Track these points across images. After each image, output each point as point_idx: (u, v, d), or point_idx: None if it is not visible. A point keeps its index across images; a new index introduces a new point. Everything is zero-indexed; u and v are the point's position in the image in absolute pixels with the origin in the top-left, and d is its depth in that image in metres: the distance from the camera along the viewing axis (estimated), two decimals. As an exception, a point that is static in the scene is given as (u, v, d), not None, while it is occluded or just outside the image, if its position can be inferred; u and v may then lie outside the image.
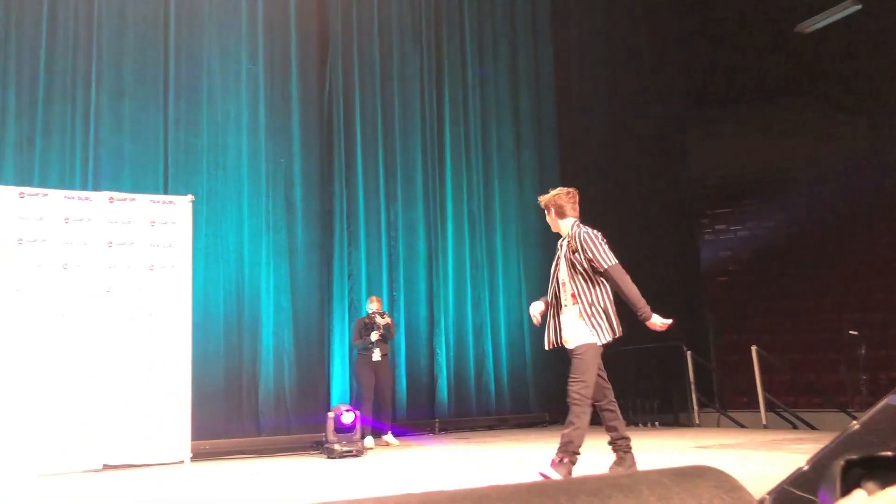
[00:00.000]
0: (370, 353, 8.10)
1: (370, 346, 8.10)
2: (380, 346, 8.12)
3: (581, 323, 4.65)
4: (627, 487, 1.42)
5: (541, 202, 5.01)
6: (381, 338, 8.13)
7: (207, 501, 4.55)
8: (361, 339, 8.19)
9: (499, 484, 1.09)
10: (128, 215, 7.09)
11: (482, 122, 10.83)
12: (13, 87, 7.99)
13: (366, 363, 8.14)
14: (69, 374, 6.61)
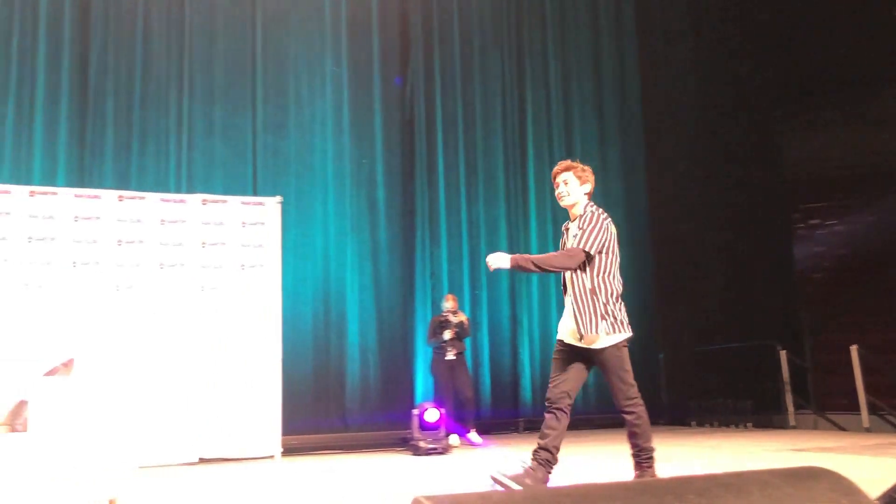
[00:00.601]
0: (444, 352, 8.09)
1: (443, 344, 8.09)
2: (454, 344, 8.08)
3: None
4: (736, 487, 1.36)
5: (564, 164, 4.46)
6: (456, 336, 8.10)
7: (303, 496, 4.65)
8: (435, 338, 8.20)
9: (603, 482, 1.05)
10: (220, 216, 7.32)
11: (565, 119, 10.70)
12: (111, 96, 8.38)
13: (441, 362, 8.13)
14: (167, 369, 6.88)
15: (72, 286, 6.77)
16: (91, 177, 8.12)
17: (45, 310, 6.66)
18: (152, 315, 6.95)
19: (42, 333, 6.61)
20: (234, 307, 7.21)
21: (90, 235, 6.90)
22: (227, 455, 6.96)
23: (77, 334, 6.70)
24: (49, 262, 6.74)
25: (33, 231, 6.74)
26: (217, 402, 7.00)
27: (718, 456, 6.07)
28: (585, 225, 4.14)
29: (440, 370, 8.15)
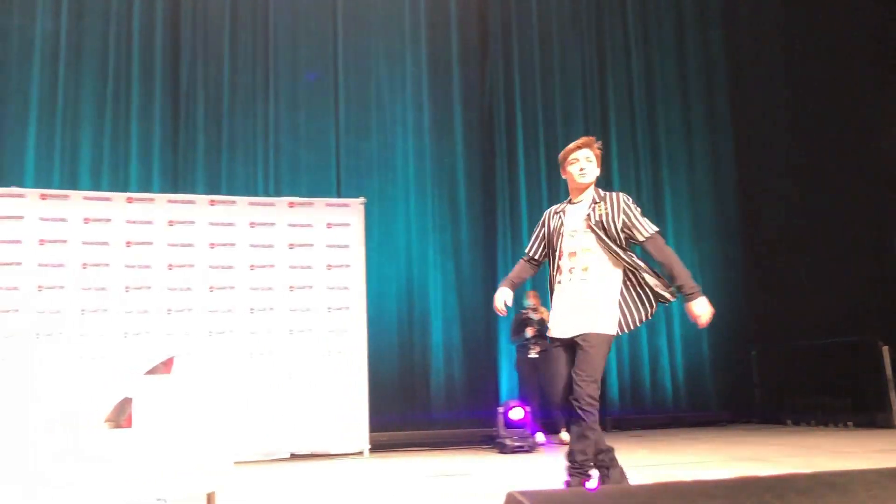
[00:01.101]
0: (528, 350, 8.02)
1: (526, 342, 8.03)
2: (537, 342, 8.00)
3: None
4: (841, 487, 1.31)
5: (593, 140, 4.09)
6: (538, 333, 8.01)
7: (396, 492, 4.71)
8: (517, 336, 8.15)
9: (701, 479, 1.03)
10: (307, 218, 7.51)
11: (648, 110, 10.47)
12: (202, 104, 8.69)
13: (525, 360, 8.07)
14: (258, 368, 7.10)
15: (168, 288, 7.06)
16: (184, 182, 8.45)
17: (144, 311, 6.97)
18: (244, 315, 7.19)
19: (143, 334, 6.92)
20: (321, 307, 7.38)
21: (185, 238, 7.19)
22: (318, 451, 7.12)
23: (175, 334, 6.99)
24: (148, 265, 7.05)
25: (132, 235, 7.06)
26: (307, 399, 7.17)
27: (817, 456, 5.84)
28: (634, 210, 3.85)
29: (524, 368, 8.10)
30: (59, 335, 6.76)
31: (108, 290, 6.92)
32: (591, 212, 3.83)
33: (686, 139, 10.55)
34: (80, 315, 6.83)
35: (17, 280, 6.76)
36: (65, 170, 8.17)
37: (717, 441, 7.44)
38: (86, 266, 6.92)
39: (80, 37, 8.49)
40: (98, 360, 6.79)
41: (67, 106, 8.30)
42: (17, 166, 8.03)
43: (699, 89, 10.74)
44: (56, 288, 6.83)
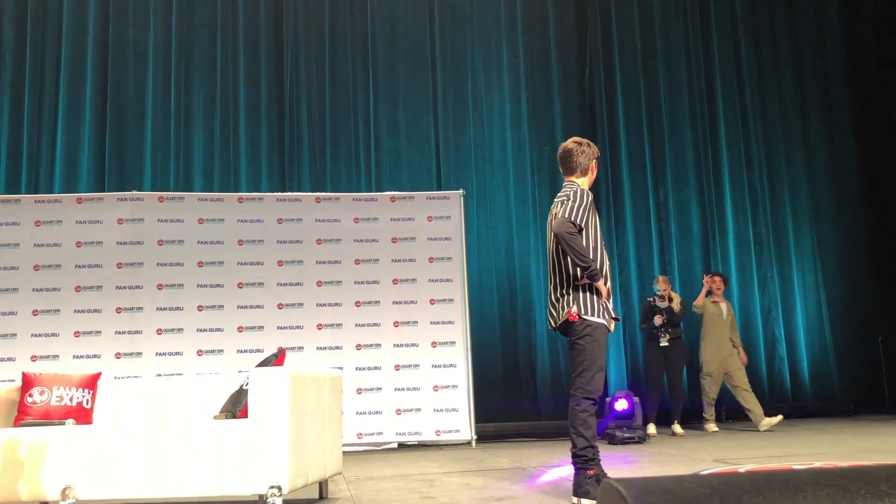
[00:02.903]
0: (657, 338, 7.75)
1: (654, 330, 7.78)
2: (667, 330, 7.71)
3: None
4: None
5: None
6: (668, 321, 7.74)
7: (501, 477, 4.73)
8: (645, 323, 7.93)
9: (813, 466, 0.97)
10: (408, 212, 7.62)
11: (759, 87, 10.00)
12: (305, 103, 8.95)
13: (654, 348, 7.80)
14: (364, 359, 7.26)
15: (278, 283, 7.32)
16: (291, 181, 8.73)
17: (258, 306, 7.25)
18: (350, 308, 7.37)
19: (257, 329, 7.21)
20: (424, 299, 7.47)
21: (294, 235, 7.43)
22: (425, 440, 7.22)
23: (287, 327, 7.24)
24: (261, 261, 7.33)
25: (244, 234, 7.36)
26: (413, 390, 7.28)
27: (953, 448, 5.45)
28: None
29: (652, 357, 7.85)
30: (180, 331, 7.12)
31: (224, 286, 7.25)
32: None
33: (800, 115, 10.03)
34: (198, 312, 7.17)
35: (140, 279, 7.17)
36: (179, 173, 8.60)
37: (842, 432, 7.06)
38: (202, 265, 7.27)
39: (189, 44, 8.90)
40: (215, 354, 7.12)
41: (180, 112, 8.72)
42: (136, 171, 8.52)
43: (814, 61, 10.17)
44: (176, 286, 7.20)
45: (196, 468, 3.61)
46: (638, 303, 9.15)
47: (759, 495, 1.10)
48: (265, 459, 3.58)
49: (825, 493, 1.09)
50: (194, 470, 3.61)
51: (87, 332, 7.01)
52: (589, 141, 4.23)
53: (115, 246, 7.18)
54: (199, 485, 3.61)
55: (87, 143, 8.53)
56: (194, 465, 3.62)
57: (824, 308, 9.56)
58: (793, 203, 9.80)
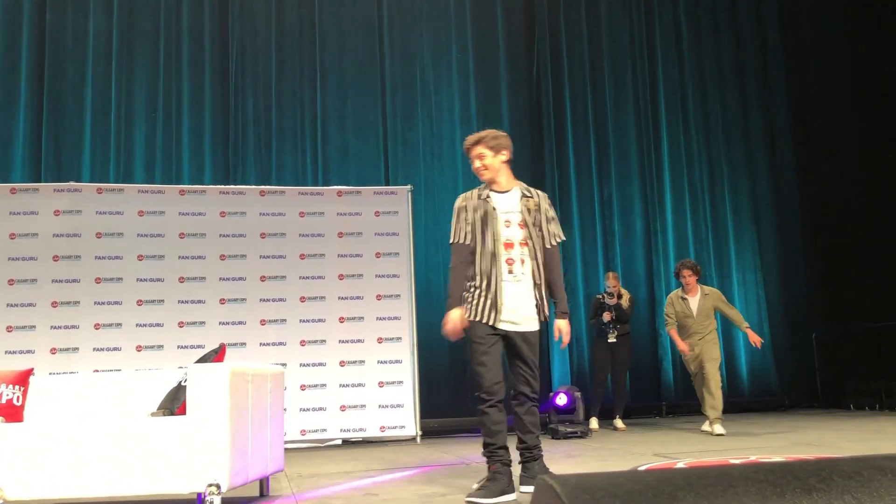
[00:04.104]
0: (605, 334, 7.81)
1: (603, 327, 7.82)
2: (615, 326, 7.77)
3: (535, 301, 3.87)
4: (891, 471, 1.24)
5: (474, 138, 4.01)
6: (616, 318, 7.79)
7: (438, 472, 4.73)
8: (594, 320, 7.95)
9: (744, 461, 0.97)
10: (355, 207, 7.56)
11: (702, 86, 10.19)
12: (251, 96, 8.81)
13: (601, 345, 7.88)
14: (310, 354, 7.19)
15: (220, 278, 7.19)
16: (235, 174, 8.58)
17: (199, 301, 7.11)
18: (295, 304, 7.28)
19: (198, 324, 7.07)
20: (371, 294, 7.42)
21: (237, 229, 7.30)
22: (370, 437, 7.19)
23: (229, 323, 7.12)
24: (202, 255, 7.19)
25: (186, 227, 7.21)
26: (358, 386, 7.24)
27: (882, 441, 5.66)
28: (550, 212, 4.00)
29: (599, 353, 7.92)
30: (119, 326, 6.94)
31: (165, 280, 7.09)
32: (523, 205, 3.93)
33: (742, 115, 10.27)
34: (137, 306, 7.00)
35: (77, 272, 6.96)
36: (120, 164, 8.37)
37: (777, 426, 7.27)
38: (142, 258, 7.09)
39: (131, 32, 8.66)
40: (154, 350, 6.96)
41: (121, 102, 8.49)
42: (74, 162, 8.26)
43: (755, 60, 10.41)
44: (115, 280, 7.02)
45: (132, 466, 3.52)
46: (584, 299, 9.27)
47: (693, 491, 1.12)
48: (203, 457, 3.50)
49: (756, 488, 1.10)
50: (130, 468, 3.52)
51: (21, 327, 6.78)
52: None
53: (50, 238, 6.96)
54: (136, 483, 3.52)
55: (22, 131, 8.24)
56: (130, 464, 3.53)
57: (763, 306, 9.82)
58: (733, 202, 10.03)
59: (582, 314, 9.24)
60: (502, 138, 3.98)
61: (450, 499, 3.81)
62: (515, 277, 3.82)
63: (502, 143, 3.96)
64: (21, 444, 3.57)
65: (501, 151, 3.95)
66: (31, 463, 3.55)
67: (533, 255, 3.84)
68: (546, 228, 3.90)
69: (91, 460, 3.54)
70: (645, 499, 1.08)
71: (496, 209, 3.90)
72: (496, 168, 3.94)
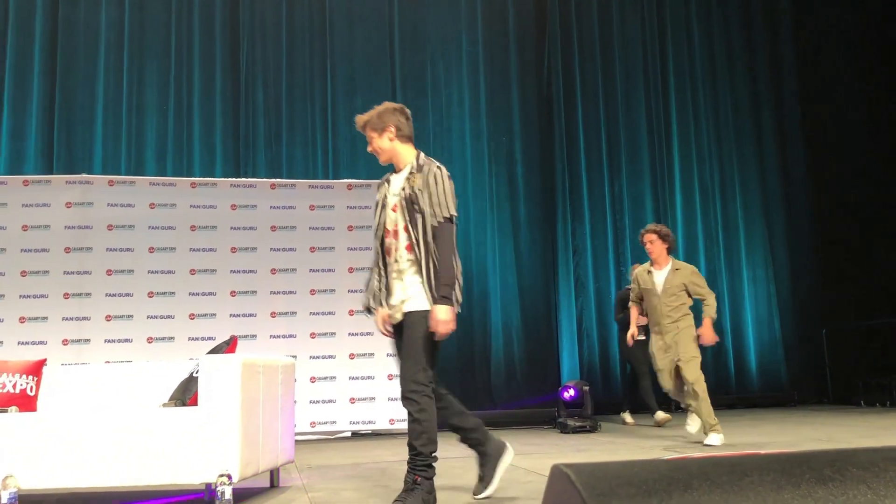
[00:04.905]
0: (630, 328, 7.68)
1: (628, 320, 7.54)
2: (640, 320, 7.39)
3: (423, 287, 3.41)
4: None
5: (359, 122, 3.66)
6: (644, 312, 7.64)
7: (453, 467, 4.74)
8: (623, 314, 7.74)
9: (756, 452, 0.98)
10: (365, 200, 7.57)
11: (713, 82, 10.15)
12: (261, 90, 8.82)
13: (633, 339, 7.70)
14: (317, 347, 7.21)
15: (231, 270, 7.21)
16: (246, 167, 8.60)
17: (210, 293, 7.14)
18: (305, 297, 7.30)
19: (209, 316, 7.09)
20: (380, 288, 7.43)
21: (248, 222, 7.33)
22: (379, 429, 7.21)
23: (241, 315, 7.14)
24: (214, 248, 7.22)
25: (197, 220, 7.23)
26: (367, 379, 7.25)
27: (893, 438, 5.63)
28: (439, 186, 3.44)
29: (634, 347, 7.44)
30: (130, 317, 6.98)
31: (176, 272, 7.12)
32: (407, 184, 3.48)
33: (752, 111, 10.21)
34: (149, 298, 7.03)
35: (89, 264, 7.00)
36: (131, 156, 8.40)
37: (786, 422, 7.24)
38: (153, 250, 7.12)
39: (142, 25, 8.68)
40: (165, 341, 6.99)
41: (132, 94, 8.52)
42: (86, 154, 8.30)
43: (766, 56, 10.36)
44: (126, 272, 7.05)
45: (144, 456, 3.55)
46: (594, 294, 9.25)
47: (707, 480, 1.12)
48: (215, 447, 3.52)
49: (771, 478, 1.10)
50: (142, 458, 3.55)
51: (33, 318, 6.82)
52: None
53: (62, 230, 7.00)
54: (147, 473, 3.55)
55: (35, 124, 8.28)
56: (142, 454, 3.55)
57: (773, 301, 9.78)
58: (744, 199, 9.99)
59: (593, 309, 9.23)
60: (386, 114, 3.58)
61: (460, 491, 3.82)
62: (398, 265, 3.46)
63: (385, 120, 3.57)
64: (34, 434, 3.60)
65: (386, 130, 3.57)
66: (43, 452, 3.57)
67: (416, 240, 3.41)
68: (430, 207, 3.40)
69: (103, 450, 3.57)
70: (660, 487, 1.08)
71: (387, 194, 3.57)
72: (386, 149, 3.58)
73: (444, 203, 3.40)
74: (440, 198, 3.40)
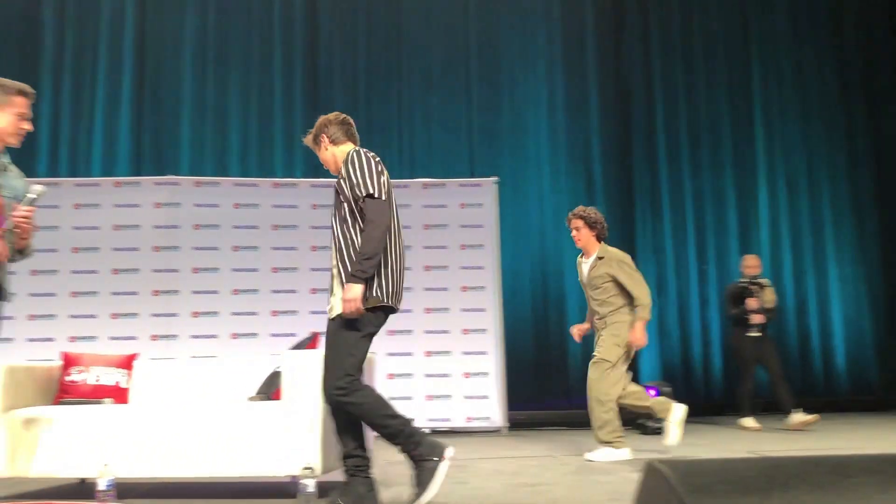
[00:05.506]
0: (749, 325, 7.14)
1: (746, 316, 7.15)
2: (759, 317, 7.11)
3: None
4: None
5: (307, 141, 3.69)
6: (762, 308, 7.13)
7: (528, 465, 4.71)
8: (737, 308, 7.25)
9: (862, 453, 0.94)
10: (440, 199, 7.61)
11: (799, 68, 9.72)
12: (339, 90, 8.96)
13: (742, 336, 7.21)
14: (398, 344, 7.28)
15: (311, 269, 7.36)
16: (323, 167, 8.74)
17: (291, 291, 7.31)
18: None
19: (290, 314, 7.25)
20: (456, 286, 7.46)
21: (327, 221, 7.45)
22: (457, 427, 7.23)
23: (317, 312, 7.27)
24: (294, 247, 7.38)
25: (278, 219, 7.41)
26: (444, 377, 7.29)
27: None
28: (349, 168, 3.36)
29: (742, 345, 7.20)
30: (215, 314, 7.19)
31: (259, 270, 7.31)
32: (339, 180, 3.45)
33: (843, 104, 9.76)
34: (233, 296, 7.23)
35: (176, 262, 7.25)
36: (216, 158, 8.67)
37: (879, 427, 6.93)
38: (237, 249, 7.33)
39: (225, 32, 8.95)
40: (248, 338, 7.18)
41: (216, 98, 8.78)
42: (173, 156, 8.60)
43: (856, 42, 9.87)
44: (211, 270, 7.28)
45: (230, 449, 3.65)
46: (676, 295, 9.06)
47: (807, 481, 1.08)
48: (298, 441, 3.60)
49: (876, 479, 1.05)
50: (228, 450, 3.65)
51: (124, 315, 7.11)
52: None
53: (151, 229, 7.27)
54: (233, 465, 3.65)
55: (126, 127, 8.63)
56: (228, 446, 3.66)
57: (864, 301, 9.37)
58: (832, 194, 9.59)
59: (673, 310, 9.02)
60: (319, 125, 3.63)
61: (539, 489, 3.79)
62: (333, 262, 3.43)
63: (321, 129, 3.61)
64: (126, 426, 3.75)
65: (319, 138, 3.60)
66: (135, 443, 3.72)
67: (336, 237, 3.37)
68: (350, 191, 3.32)
69: (191, 442, 3.69)
70: (757, 485, 1.04)
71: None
72: (328, 159, 3.61)
73: (361, 183, 3.30)
74: (357, 179, 3.31)
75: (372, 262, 3.23)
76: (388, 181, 3.41)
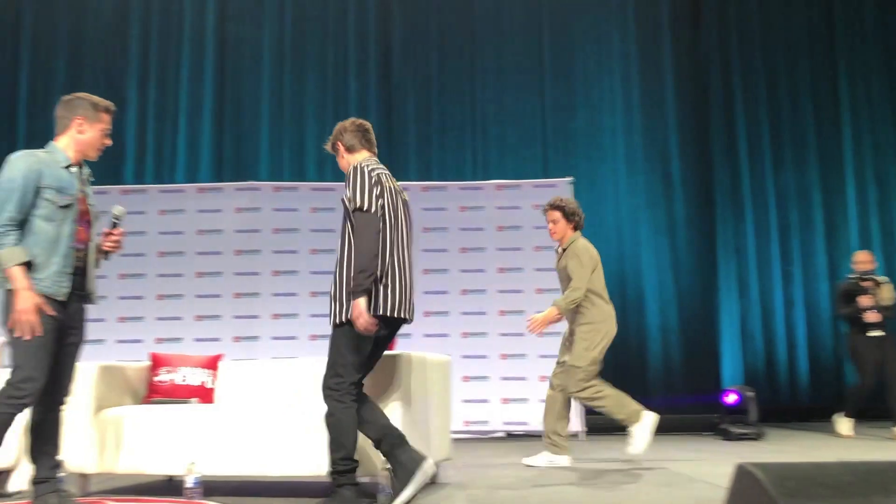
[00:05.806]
0: (866, 325, 6.73)
1: (860, 315, 6.76)
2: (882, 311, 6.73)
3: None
4: None
5: (327, 147, 3.67)
6: (878, 306, 6.75)
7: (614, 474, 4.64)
8: (849, 308, 6.85)
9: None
10: (514, 200, 7.58)
11: (888, 61, 9.29)
12: (412, 93, 9.03)
13: (860, 336, 6.78)
14: (472, 348, 7.28)
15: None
16: (398, 170, 8.82)
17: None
18: (456, 297, 7.39)
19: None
20: (530, 288, 7.41)
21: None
22: (533, 431, 7.17)
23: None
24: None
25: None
26: (519, 380, 7.25)
27: None
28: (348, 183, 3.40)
29: (858, 345, 6.78)
30: (294, 316, 7.34)
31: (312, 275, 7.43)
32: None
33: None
34: (311, 298, 7.36)
35: (256, 265, 7.44)
36: (294, 163, 8.86)
37: None
38: (315, 252, 7.47)
39: (301, 40, 9.14)
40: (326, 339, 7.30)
41: (294, 105, 8.98)
42: (253, 162, 8.84)
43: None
44: (290, 272, 7.43)
45: (309, 448, 3.70)
46: (759, 296, 8.78)
47: (910, 487, 1.02)
48: (376, 441, 3.62)
49: None
50: (307, 450, 3.71)
51: (208, 317, 7.33)
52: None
53: (233, 234, 7.48)
54: (314, 464, 3.70)
55: (207, 135, 8.92)
56: (307, 446, 3.71)
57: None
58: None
59: (756, 311, 8.74)
60: (335, 133, 3.62)
61: (620, 496, 3.72)
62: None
63: (337, 137, 3.61)
64: (212, 424, 3.85)
65: (336, 146, 3.62)
66: (220, 442, 3.82)
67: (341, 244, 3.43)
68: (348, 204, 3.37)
69: (273, 441, 3.76)
70: (856, 490, 0.99)
71: None
72: (345, 166, 3.60)
73: (352, 196, 3.33)
74: (350, 192, 3.35)
75: (365, 275, 3.26)
76: (390, 195, 3.46)
